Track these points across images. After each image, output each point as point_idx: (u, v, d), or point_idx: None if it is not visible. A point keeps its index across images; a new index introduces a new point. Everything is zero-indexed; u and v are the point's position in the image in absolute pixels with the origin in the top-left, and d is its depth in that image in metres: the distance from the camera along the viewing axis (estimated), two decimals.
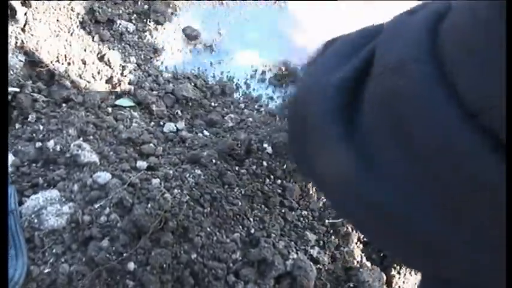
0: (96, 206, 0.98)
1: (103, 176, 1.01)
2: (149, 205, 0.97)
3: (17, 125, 1.12)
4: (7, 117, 1.07)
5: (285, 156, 1.11)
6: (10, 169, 1.04)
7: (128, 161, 1.08)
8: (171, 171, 1.06)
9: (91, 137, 1.09)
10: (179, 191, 1.02)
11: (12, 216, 0.96)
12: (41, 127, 1.10)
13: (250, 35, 1.42)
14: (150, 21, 1.36)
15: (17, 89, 1.10)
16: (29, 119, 1.11)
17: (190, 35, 1.38)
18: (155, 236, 0.96)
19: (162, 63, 1.32)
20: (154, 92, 1.23)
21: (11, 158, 1.05)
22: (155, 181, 1.03)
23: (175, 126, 1.20)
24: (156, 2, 1.37)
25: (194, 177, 1.05)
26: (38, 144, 1.07)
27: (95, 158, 1.04)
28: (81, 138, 1.08)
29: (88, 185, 1.00)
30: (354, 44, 0.49)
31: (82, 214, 0.97)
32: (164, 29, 1.38)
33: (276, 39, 1.41)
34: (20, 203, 1.00)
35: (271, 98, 1.35)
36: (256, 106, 1.31)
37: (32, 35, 1.17)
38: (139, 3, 1.37)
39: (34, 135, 1.09)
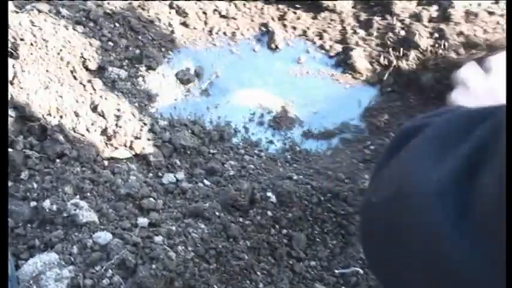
0: (98, 268, 0.95)
1: (103, 236, 0.99)
2: (153, 265, 0.95)
3: (10, 183, 1.09)
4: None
5: (289, 204, 1.10)
6: None
7: (128, 218, 1.05)
8: (173, 227, 1.04)
9: (88, 193, 1.07)
10: (183, 247, 1.00)
11: (10, 284, 0.93)
12: (35, 185, 1.08)
13: (245, 76, 1.41)
14: (142, 67, 1.35)
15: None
16: (21, 177, 1.09)
17: (183, 79, 1.37)
18: None
19: (157, 110, 1.31)
20: (151, 142, 1.21)
21: None
22: (158, 239, 1.01)
23: (175, 176, 1.17)
24: (148, 47, 1.35)
25: (198, 232, 1.03)
26: (33, 203, 1.05)
27: (93, 217, 1.02)
28: (78, 196, 1.06)
29: (88, 247, 0.97)
30: (459, 130, 0.46)
31: (83, 278, 0.94)
32: (157, 73, 1.37)
33: (272, 79, 1.40)
34: (17, 267, 0.97)
35: (271, 142, 1.33)
36: (256, 151, 1.30)
37: (21, 88, 1.15)
38: (130, 48, 1.35)
39: (28, 194, 1.06)
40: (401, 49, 1.36)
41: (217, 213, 1.07)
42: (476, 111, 0.47)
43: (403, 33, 1.38)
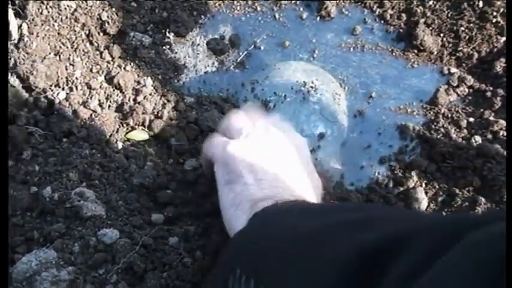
0: (101, 271, 0.88)
1: (109, 234, 0.91)
2: (165, 274, 0.86)
3: (10, 162, 1.01)
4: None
5: None
6: None
7: (140, 212, 0.97)
8: (192, 227, 0.94)
9: (96, 181, 0.99)
10: (202, 253, 0.91)
11: None
12: (37, 167, 1.01)
13: (289, 47, 1.31)
14: (169, 33, 1.25)
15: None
16: (23, 156, 1.02)
17: (216, 49, 1.27)
18: None
19: (183, 84, 1.22)
20: (174, 122, 1.12)
21: None
22: (173, 240, 0.92)
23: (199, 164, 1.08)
24: (177, 10, 1.25)
25: (221, 234, 0.93)
26: (33, 189, 0.98)
27: (100, 210, 0.94)
28: (84, 184, 0.98)
29: (91, 245, 0.89)
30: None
31: (84, 282, 0.85)
32: (186, 41, 1.27)
33: (321, 52, 1.29)
34: (12, 262, 0.90)
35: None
36: None
37: (28, 53, 1.07)
38: (156, 11, 1.25)
39: (29, 177, 1.00)
40: (478, 24, 1.24)
41: None
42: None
43: (481, 4, 1.25)
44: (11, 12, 1.08)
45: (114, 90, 1.11)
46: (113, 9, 1.20)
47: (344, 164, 1.20)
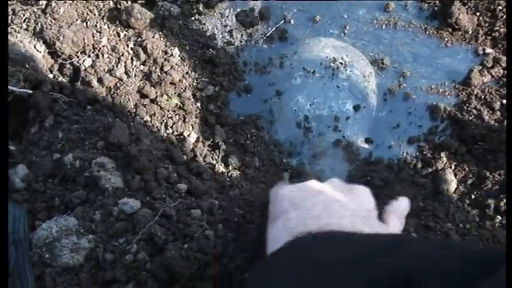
0: (122, 241, 0.87)
1: (130, 204, 0.90)
2: (186, 245, 0.86)
3: (33, 129, 1.02)
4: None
5: None
6: (21, 184, 0.94)
7: (164, 183, 0.96)
8: (217, 201, 0.94)
9: (118, 152, 0.98)
10: (225, 228, 0.90)
11: (21, 248, 0.86)
12: (60, 134, 1.01)
13: (320, 22, 1.29)
14: (198, 4, 1.24)
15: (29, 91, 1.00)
16: (46, 123, 1.02)
17: (245, 22, 1.26)
18: (191, 284, 0.84)
19: (210, 57, 1.19)
20: (202, 94, 1.11)
21: (23, 170, 0.95)
22: (196, 212, 0.91)
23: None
24: None
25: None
26: (56, 155, 0.98)
27: (119, 182, 0.93)
28: (106, 152, 0.98)
29: (113, 215, 0.89)
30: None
31: (104, 250, 0.86)
32: (215, 12, 1.26)
33: (352, 29, 1.27)
34: (33, 228, 0.90)
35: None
36: None
37: (54, 18, 1.07)
38: None
39: (52, 144, 0.99)
40: None
41: None
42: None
43: None
44: None
45: (140, 59, 1.10)
46: None
47: (372, 142, 1.18)
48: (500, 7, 1.22)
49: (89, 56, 1.07)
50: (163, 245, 0.86)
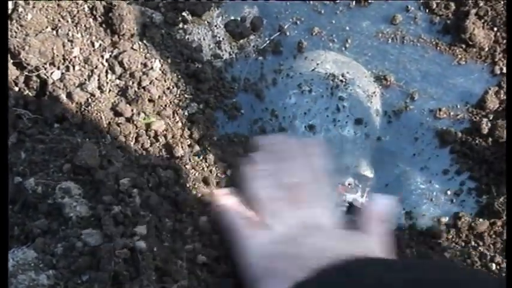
0: (85, 278, 0.82)
1: (95, 236, 0.86)
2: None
3: None
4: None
5: None
6: None
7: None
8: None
9: (86, 176, 0.95)
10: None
11: None
12: (23, 155, 0.97)
13: (320, 35, 1.25)
14: (183, 11, 1.20)
15: None
16: (9, 141, 0.98)
17: (235, 33, 1.22)
18: None
19: (196, 70, 1.16)
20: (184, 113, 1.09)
21: None
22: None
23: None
24: None
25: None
26: (17, 179, 0.93)
27: (85, 210, 0.88)
28: (73, 177, 0.94)
29: (76, 248, 0.84)
30: None
31: None
32: (202, 21, 1.22)
33: (355, 42, 1.25)
34: None
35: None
36: None
37: (21, 25, 1.03)
38: None
39: (13, 166, 0.95)
40: None
41: None
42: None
43: None
44: None
45: (116, 73, 1.06)
46: None
47: (374, 172, 1.15)
48: None
49: (58, 68, 1.03)
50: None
